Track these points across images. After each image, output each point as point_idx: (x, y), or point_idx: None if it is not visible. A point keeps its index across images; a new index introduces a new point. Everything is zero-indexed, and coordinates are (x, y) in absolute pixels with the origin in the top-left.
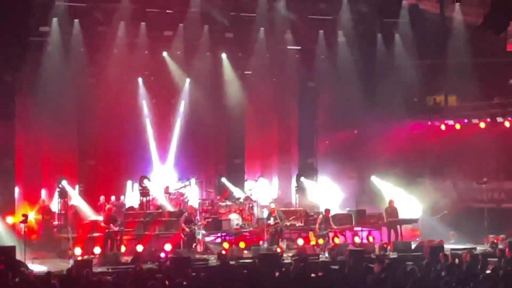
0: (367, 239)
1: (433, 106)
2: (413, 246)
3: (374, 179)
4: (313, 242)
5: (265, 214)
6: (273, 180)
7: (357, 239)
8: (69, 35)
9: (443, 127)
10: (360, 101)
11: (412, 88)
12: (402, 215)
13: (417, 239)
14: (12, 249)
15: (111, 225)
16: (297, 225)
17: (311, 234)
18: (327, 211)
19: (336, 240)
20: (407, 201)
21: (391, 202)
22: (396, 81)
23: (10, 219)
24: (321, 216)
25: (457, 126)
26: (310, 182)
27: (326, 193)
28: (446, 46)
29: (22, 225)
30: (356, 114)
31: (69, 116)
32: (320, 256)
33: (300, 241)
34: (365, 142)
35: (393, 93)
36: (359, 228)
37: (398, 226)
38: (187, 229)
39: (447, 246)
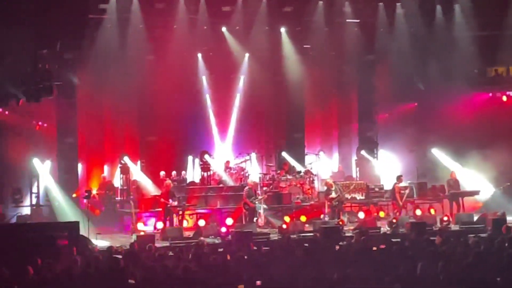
0: (429, 211)
1: (494, 77)
2: (475, 218)
3: (435, 151)
4: (381, 214)
5: (325, 187)
6: (333, 154)
7: (418, 212)
8: (128, 12)
9: (504, 98)
10: (420, 74)
11: (472, 59)
12: (463, 187)
13: (479, 211)
14: (76, 225)
15: (170, 200)
16: (358, 198)
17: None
18: (399, 178)
19: (397, 214)
20: (469, 173)
21: (452, 174)
22: (456, 52)
23: (74, 195)
24: (394, 185)
25: None
26: (370, 155)
27: (387, 166)
28: (506, 16)
29: (85, 201)
30: (415, 86)
31: (129, 92)
32: (381, 229)
33: (361, 214)
34: (425, 115)
35: (452, 65)
36: (420, 201)
37: (460, 198)
38: (249, 203)
39: (510, 218)
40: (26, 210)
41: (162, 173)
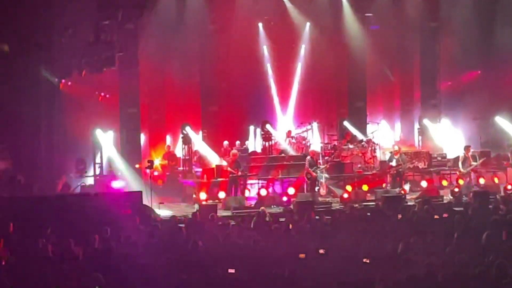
0: (492, 180)
1: None
2: None
3: (499, 119)
4: (444, 183)
5: (387, 156)
6: (395, 123)
7: (481, 181)
8: None
9: None
10: (483, 41)
11: None
12: None
13: None
14: (139, 195)
15: (236, 170)
16: (420, 167)
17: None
18: (467, 148)
19: (460, 182)
20: None
21: None
22: None
23: (137, 166)
24: (462, 154)
25: None
26: (433, 123)
27: (449, 134)
28: None
29: (148, 171)
30: (479, 54)
31: (191, 62)
32: (444, 198)
33: (424, 183)
34: (489, 82)
35: None
36: (484, 169)
37: None
38: (310, 173)
39: None
40: (90, 181)
41: (226, 142)
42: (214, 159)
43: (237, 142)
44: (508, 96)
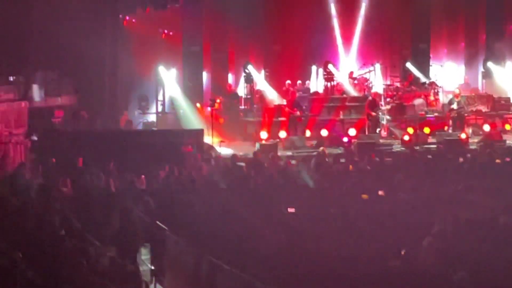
0: None
1: None
2: None
3: None
4: (507, 127)
5: (448, 99)
6: (459, 65)
7: None
8: None
9: None
10: None
11: None
12: None
13: None
14: (200, 132)
15: (295, 109)
16: (484, 110)
17: None
18: None
19: None
20: None
21: None
22: None
23: (198, 105)
24: None
25: None
26: (498, 67)
27: None
28: None
29: (209, 109)
30: None
31: (255, 1)
32: (507, 142)
33: (486, 127)
34: None
35: None
36: None
37: None
38: (372, 114)
39: None
40: (152, 118)
41: (288, 82)
42: (275, 98)
43: (298, 82)
44: None
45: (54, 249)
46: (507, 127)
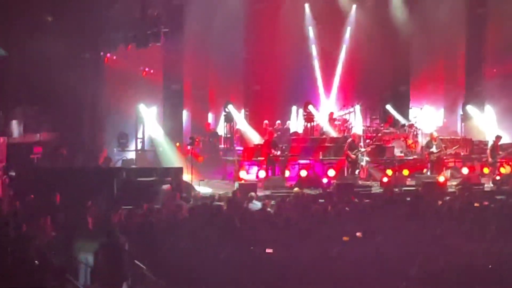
0: None
1: None
2: None
3: None
4: (486, 171)
5: (426, 141)
6: (438, 108)
7: None
8: None
9: None
10: None
11: None
12: None
13: None
14: (179, 171)
15: (272, 149)
16: (462, 154)
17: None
18: (498, 137)
19: (502, 170)
20: None
21: None
22: None
23: (178, 143)
24: (491, 143)
25: None
26: (477, 110)
27: (493, 122)
28: None
29: (189, 148)
30: None
31: (236, 40)
32: (485, 186)
33: (465, 170)
34: None
35: None
36: None
37: None
38: (351, 156)
39: None
40: (131, 155)
41: (266, 122)
42: (255, 138)
43: (278, 122)
44: None
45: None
46: (486, 170)
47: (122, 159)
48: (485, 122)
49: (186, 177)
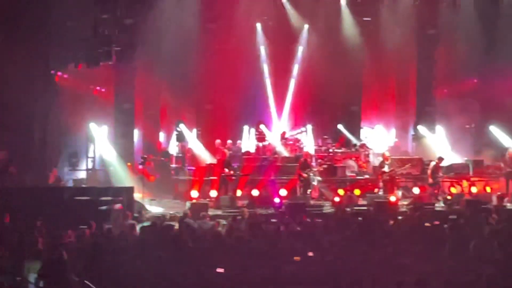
0: (484, 189)
1: None
2: None
3: (493, 129)
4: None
5: (378, 161)
6: (390, 128)
7: (474, 189)
8: None
9: None
10: (481, 50)
11: None
12: None
13: None
14: (130, 190)
15: (225, 169)
16: (414, 174)
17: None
18: (440, 159)
19: (453, 190)
20: None
21: (510, 152)
22: None
23: (129, 163)
24: (433, 164)
25: None
26: (428, 130)
27: (444, 142)
28: None
29: (140, 167)
30: (476, 63)
31: (188, 59)
32: (436, 205)
33: (416, 190)
34: (485, 92)
35: None
36: (477, 178)
37: None
38: (303, 175)
39: None
40: (82, 174)
41: (218, 141)
42: (207, 157)
43: (229, 141)
44: (504, 105)
45: None
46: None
47: (73, 178)
48: (436, 142)
49: (138, 196)
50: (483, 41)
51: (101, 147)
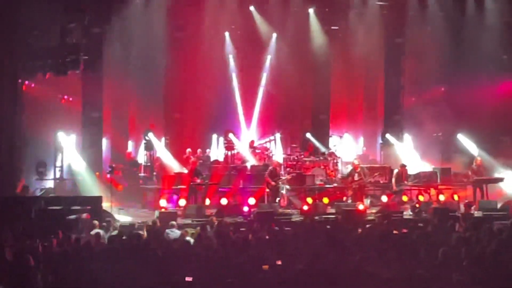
0: (452, 197)
1: None
2: (498, 206)
3: (461, 137)
4: (405, 199)
5: (348, 170)
6: (358, 136)
7: (441, 197)
8: None
9: None
10: (448, 58)
11: (501, 45)
12: (488, 173)
13: (503, 198)
14: (99, 199)
15: (196, 178)
16: (381, 182)
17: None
18: (402, 166)
19: (421, 198)
20: (493, 160)
21: (477, 160)
22: (485, 38)
23: (97, 172)
24: (396, 171)
25: None
26: (396, 139)
27: (411, 150)
28: None
29: (109, 176)
30: (443, 71)
31: (156, 68)
32: (404, 213)
33: (384, 198)
34: (452, 100)
35: (482, 50)
36: (444, 186)
37: (484, 185)
38: (272, 183)
39: None
40: (49, 184)
41: (188, 150)
42: (175, 166)
43: (199, 150)
44: (471, 113)
45: None
46: (404, 198)
47: (40, 187)
48: (404, 151)
49: (106, 205)
50: (451, 50)
51: (69, 156)
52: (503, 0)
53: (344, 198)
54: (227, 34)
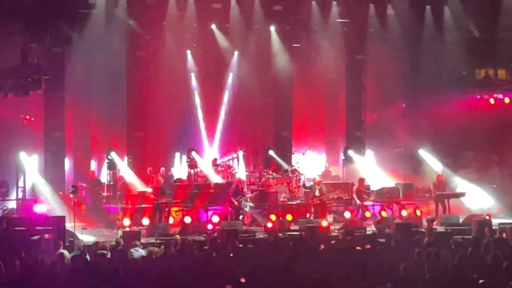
0: (414, 212)
1: (482, 79)
2: (460, 220)
3: (422, 152)
4: (367, 214)
5: (311, 185)
6: (320, 153)
7: (404, 213)
8: (117, 7)
9: (492, 100)
10: (408, 74)
11: (461, 61)
12: (450, 188)
13: (465, 213)
14: (62, 219)
15: (161, 197)
16: (344, 198)
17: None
18: (361, 180)
19: (383, 214)
20: (455, 175)
21: (439, 175)
22: (444, 54)
23: (60, 192)
24: (355, 187)
25: (506, 100)
26: (358, 155)
27: (373, 166)
28: (496, 19)
29: (71, 196)
30: (404, 87)
31: (118, 88)
32: (367, 229)
33: (347, 214)
34: (413, 115)
35: (441, 66)
36: (407, 202)
37: (446, 200)
38: (234, 201)
39: (495, 221)
40: (12, 204)
41: (149, 168)
42: (138, 185)
43: (162, 169)
44: (431, 128)
45: None
46: (367, 214)
47: (2, 208)
48: (366, 166)
49: (69, 225)
50: (411, 66)
51: (31, 176)
52: (462, 16)
53: (308, 215)
54: (188, 52)
